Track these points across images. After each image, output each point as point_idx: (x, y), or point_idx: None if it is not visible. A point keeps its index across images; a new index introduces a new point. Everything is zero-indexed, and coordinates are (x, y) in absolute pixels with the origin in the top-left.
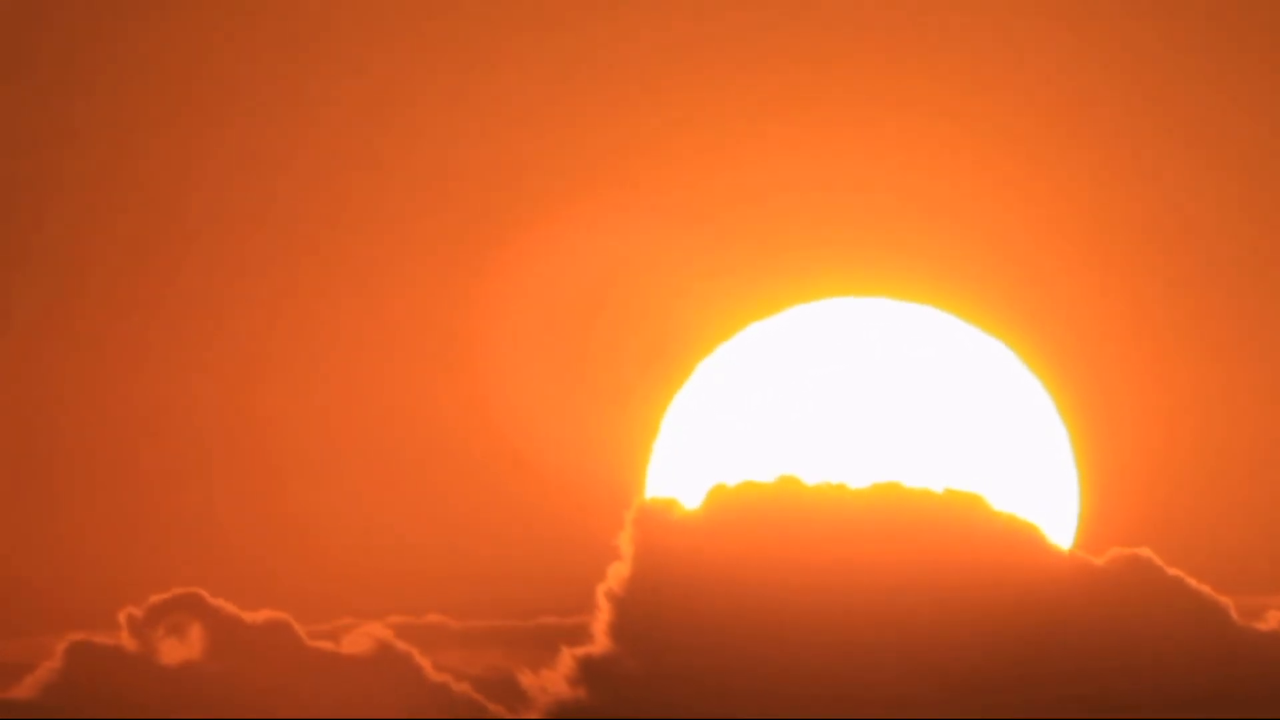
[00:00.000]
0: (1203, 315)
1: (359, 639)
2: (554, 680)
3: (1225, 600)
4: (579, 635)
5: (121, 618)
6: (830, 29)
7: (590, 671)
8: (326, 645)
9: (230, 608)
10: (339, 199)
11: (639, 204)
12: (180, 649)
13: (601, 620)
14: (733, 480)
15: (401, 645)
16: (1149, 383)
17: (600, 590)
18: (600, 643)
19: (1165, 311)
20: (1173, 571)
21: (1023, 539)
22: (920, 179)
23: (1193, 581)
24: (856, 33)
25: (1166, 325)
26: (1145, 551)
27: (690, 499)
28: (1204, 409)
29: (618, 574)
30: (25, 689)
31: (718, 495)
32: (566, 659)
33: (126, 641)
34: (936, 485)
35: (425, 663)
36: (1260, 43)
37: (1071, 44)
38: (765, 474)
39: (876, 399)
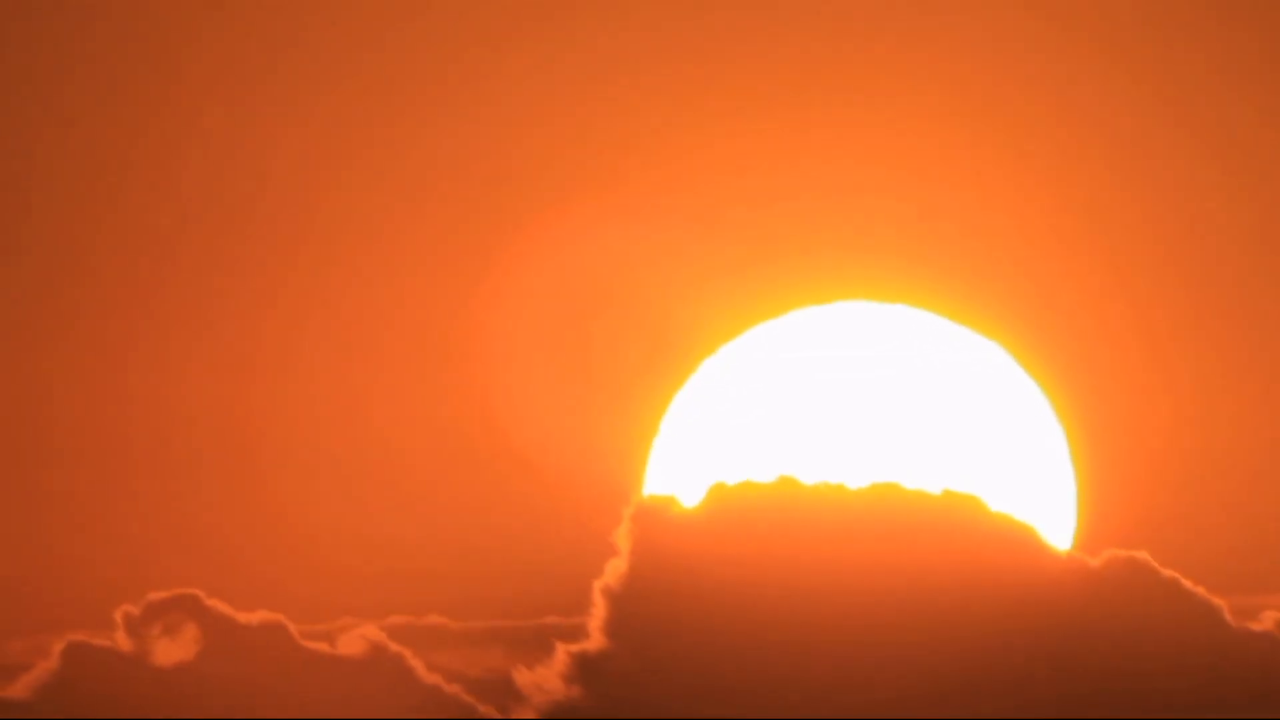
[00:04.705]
0: (1200, 315)
1: (353, 640)
2: (549, 678)
3: (1219, 601)
4: (579, 635)
5: (118, 616)
6: (834, 28)
7: (585, 669)
8: (321, 646)
9: (225, 608)
10: (337, 198)
11: (640, 203)
12: (175, 649)
13: (597, 617)
14: (732, 480)
15: (395, 646)
16: (1146, 383)
17: (596, 586)
18: (596, 640)
19: (1162, 312)
20: (1168, 573)
21: (1019, 540)
22: (914, 180)
23: (1188, 583)
24: (860, 32)
25: (1163, 326)
26: (1141, 554)
27: (689, 497)
28: (1201, 409)
29: (615, 570)
30: (20, 689)
31: (717, 493)
32: (561, 655)
33: (122, 642)
34: (934, 486)
35: (418, 664)
36: (1264, 38)
37: (1072, 44)
38: (765, 474)
39: (876, 401)
